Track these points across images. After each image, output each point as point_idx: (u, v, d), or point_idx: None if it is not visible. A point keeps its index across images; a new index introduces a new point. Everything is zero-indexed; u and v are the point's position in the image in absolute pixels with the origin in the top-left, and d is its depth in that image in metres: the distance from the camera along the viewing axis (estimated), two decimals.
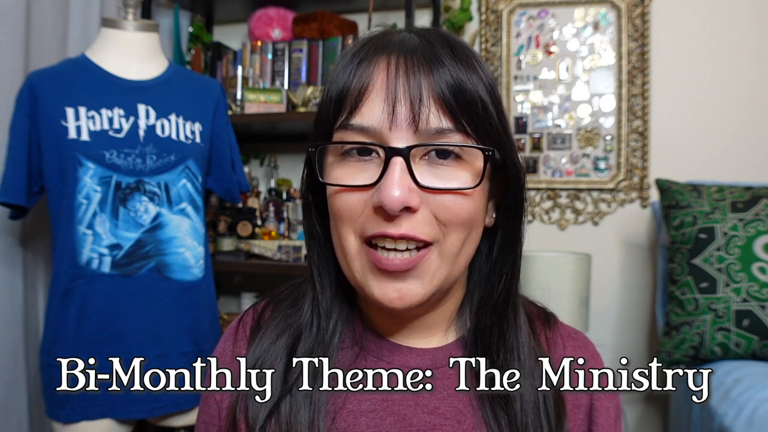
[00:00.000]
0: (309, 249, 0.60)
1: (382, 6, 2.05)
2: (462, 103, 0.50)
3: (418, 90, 0.50)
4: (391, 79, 0.51)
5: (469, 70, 0.52)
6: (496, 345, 0.57)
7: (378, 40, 0.54)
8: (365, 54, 0.53)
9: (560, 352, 0.62)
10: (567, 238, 2.02)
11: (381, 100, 0.50)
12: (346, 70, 0.53)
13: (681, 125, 1.93)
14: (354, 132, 0.51)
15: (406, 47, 0.52)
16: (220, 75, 2.08)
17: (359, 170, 0.51)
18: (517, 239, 0.58)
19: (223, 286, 2.25)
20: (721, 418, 1.24)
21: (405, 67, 0.51)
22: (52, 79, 1.27)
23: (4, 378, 1.41)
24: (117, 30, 1.34)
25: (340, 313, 0.59)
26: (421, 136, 0.50)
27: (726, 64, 1.89)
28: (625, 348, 1.98)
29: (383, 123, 0.50)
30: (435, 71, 0.50)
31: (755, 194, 1.56)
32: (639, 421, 1.97)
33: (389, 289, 0.51)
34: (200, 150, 1.38)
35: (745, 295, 1.45)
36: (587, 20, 1.99)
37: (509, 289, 0.58)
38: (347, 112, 0.52)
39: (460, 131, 0.51)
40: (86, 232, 1.24)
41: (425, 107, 0.50)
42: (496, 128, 0.53)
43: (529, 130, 2.03)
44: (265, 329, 0.60)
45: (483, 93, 0.52)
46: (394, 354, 0.58)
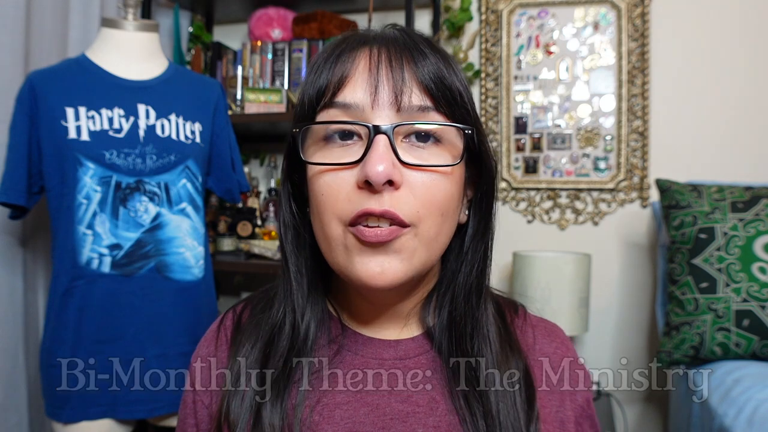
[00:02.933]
0: (284, 238, 0.60)
1: (382, 6, 2.05)
2: (441, 89, 0.53)
3: (401, 74, 0.52)
4: (374, 66, 0.53)
5: (447, 64, 0.54)
6: (470, 335, 0.58)
7: (359, 35, 0.56)
8: (346, 46, 0.55)
9: (530, 340, 0.63)
10: (567, 238, 2.02)
11: (364, 81, 0.52)
12: (327, 61, 0.55)
13: (681, 125, 1.93)
14: (337, 110, 0.53)
15: (387, 39, 0.54)
16: (220, 75, 2.07)
17: (342, 153, 0.52)
18: (488, 229, 0.59)
19: (223, 286, 2.25)
20: (721, 418, 1.24)
21: (388, 55, 0.53)
22: (52, 79, 1.27)
23: (4, 378, 1.41)
24: (117, 30, 1.34)
25: (314, 310, 0.59)
26: (403, 115, 0.52)
27: (726, 64, 1.89)
28: (625, 348, 1.98)
29: (366, 102, 0.52)
30: (417, 60, 0.53)
31: (755, 194, 1.56)
32: (639, 421, 1.97)
33: (372, 264, 0.51)
34: (200, 150, 1.38)
35: (745, 295, 1.45)
36: (587, 20, 1.99)
37: (481, 279, 0.59)
38: (330, 94, 0.53)
39: (441, 112, 0.53)
40: (86, 232, 1.24)
41: (408, 88, 0.52)
42: (473, 116, 0.56)
43: (529, 130, 2.03)
44: (244, 332, 0.61)
45: (459, 86, 0.54)
46: (368, 347, 0.59)
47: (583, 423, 0.62)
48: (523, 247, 1.97)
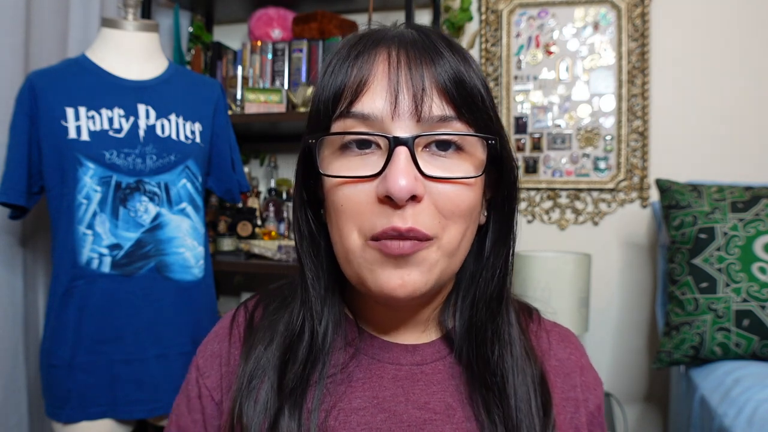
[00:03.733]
0: (300, 248, 0.58)
1: (382, 6, 2.05)
2: (463, 95, 0.51)
3: (421, 81, 0.50)
4: (393, 71, 0.50)
5: (466, 63, 0.52)
6: (491, 340, 0.57)
7: (375, 34, 0.54)
8: (363, 47, 0.53)
9: (545, 345, 0.62)
10: (567, 238, 2.02)
11: (383, 89, 0.50)
12: (344, 62, 0.52)
13: (681, 125, 1.93)
14: (355, 120, 0.51)
15: (405, 40, 0.52)
16: (220, 75, 2.07)
17: (359, 163, 0.51)
18: (510, 234, 0.58)
19: (223, 286, 2.25)
20: (721, 418, 1.24)
21: (407, 58, 0.51)
22: (52, 79, 1.27)
23: (4, 378, 1.40)
24: (117, 30, 1.34)
25: (331, 314, 0.58)
26: (424, 125, 0.50)
27: (726, 64, 1.89)
28: (625, 348, 1.98)
29: (385, 112, 0.50)
30: (437, 63, 0.51)
31: (755, 194, 1.56)
32: (639, 421, 1.97)
33: (393, 277, 0.50)
34: (200, 150, 1.38)
35: (745, 295, 1.45)
36: (587, 20, 1.99)
37: (503, 284, 0.58)
38: (347, 102, 0.51)
39: (462, 120, 0.51)
40: (86, 232, 1.24)
41: (428, 97, 0.50)
42: (495, 120, 0.54)
43: (529, 130, 2.03)
44: (257, 332, 0.60)
45: (480, 86, 0.53)
46: (386, 352, 0.58)
47: (594, 430, 0.62)
48: (523, 247, 1.97)
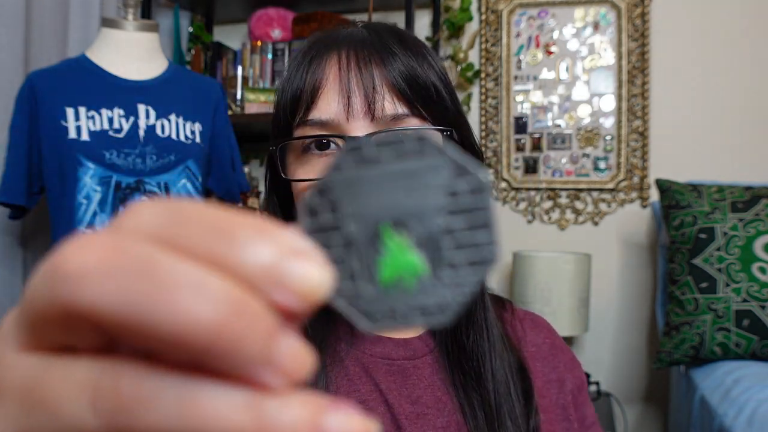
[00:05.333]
0: None
1: (382, 6, 2.05)
2: (416, 89, 0.52)
3: (372, 80, 0.51)
4: (344, 72, 0.52)
5: (419, 58, 0.53)
6: (465, 326, 0.58)
7: (327, 37, 0.56)
8: (316, 51, 0.54)
9: (520, 333, 0.64)
10: (567, 238, 2.02)
11: (335, 92, 0.52)
12: (299, 69, 0.54)
13: (681, 125, 1.93)
14: (313, 127, 0.53)
15: (355, 41, 0.54)
16: (220, 75, 2.07)
17: (321, 165, 0.53)
18: None
19: None
20: (721, 418, 1.24)
21: (356, 59, 0.52)
22: (52, 79, 1.27)
23: None
24: (117, 30, 1.34)
25: (320, 311, 0.58)
26: (379, 123, 0.52)
27: (726, 63, 1.89)
28: (625, 348, 1.98)
29: (340, 114, 0.52)
30: (387, 62, 0.52)
31: (755, 194, 1.56)
32: (639, 421, 1.97)
33: None
34: (200, 150, 1.38)
35: (745, 295, 1.45)
36: (587, 20, 1.99)
37: None
38: (304, 109, 0.53)
39: (416, 116, 0.52)
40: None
41: (379, 95, 0.51)
42: (452, 111, 0.55)
43: (529, 130, 2.03)
44: None
45: (435, 79, 0.54)
46: (376, 346, 0.59)
47: (580, 408, 0.63)
48: (523, 247, 1.97)
